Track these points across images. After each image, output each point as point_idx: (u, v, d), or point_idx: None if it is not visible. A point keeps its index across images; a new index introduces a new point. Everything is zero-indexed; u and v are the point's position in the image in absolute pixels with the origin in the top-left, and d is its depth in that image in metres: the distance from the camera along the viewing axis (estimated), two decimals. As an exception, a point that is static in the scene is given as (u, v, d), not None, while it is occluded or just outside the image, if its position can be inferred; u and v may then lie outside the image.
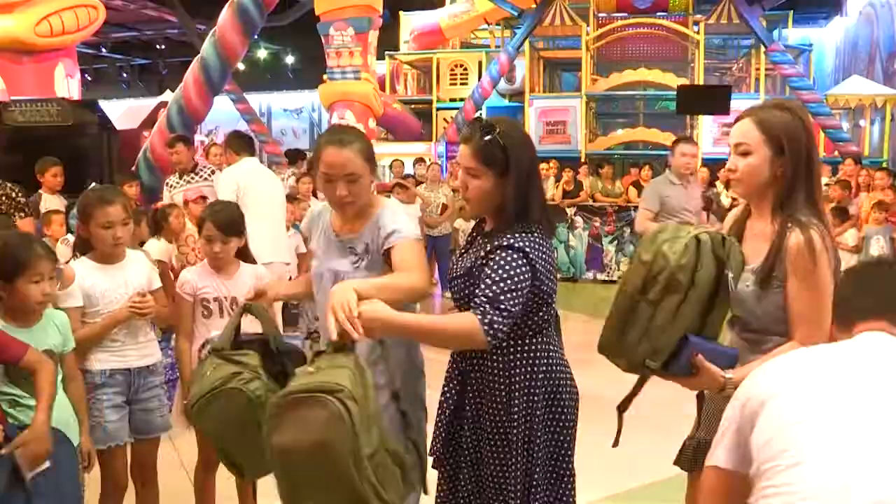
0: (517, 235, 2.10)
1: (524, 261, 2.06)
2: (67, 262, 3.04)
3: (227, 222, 3.09)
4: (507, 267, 2.05)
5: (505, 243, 2.08)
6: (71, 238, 3.36)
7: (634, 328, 1.94)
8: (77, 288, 2.84)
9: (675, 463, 2.34)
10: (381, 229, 2.31)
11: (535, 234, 2.13)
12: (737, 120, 2.06)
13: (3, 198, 4.64)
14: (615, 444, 2.22)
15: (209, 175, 6.05)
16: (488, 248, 2.13)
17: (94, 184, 5.40)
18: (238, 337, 2.43)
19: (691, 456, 2.30)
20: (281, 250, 5.45)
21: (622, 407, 2.21)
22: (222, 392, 2.23)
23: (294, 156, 9.91)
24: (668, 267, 1.90)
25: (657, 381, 2.10)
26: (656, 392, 2.31)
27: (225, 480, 3.02)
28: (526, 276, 2.06)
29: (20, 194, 4.82)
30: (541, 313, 2.19)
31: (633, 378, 2.24)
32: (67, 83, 11.29)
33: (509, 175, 2.11)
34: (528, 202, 2.14)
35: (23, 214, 4.76)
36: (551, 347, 2.27)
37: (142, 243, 4.67)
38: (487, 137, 2.10)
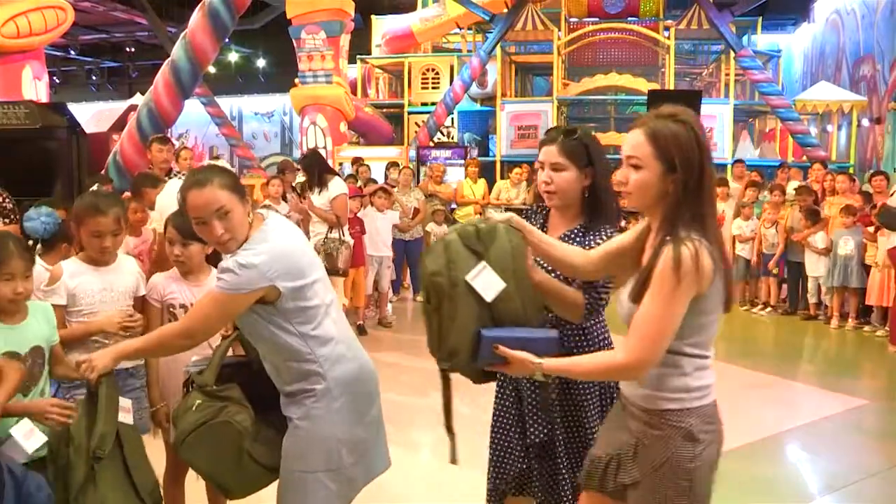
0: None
1: None
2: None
3: (187, 225, 3.06)
4: None
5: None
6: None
7: (432, 337, 2.04)
8: (62, 286, 2.84)
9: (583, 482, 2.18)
10: (218, 269, 2.26)
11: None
12: (630, 128, 2.01)
13: None
14: (452, 460, 2.23)
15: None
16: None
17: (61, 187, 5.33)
18: (225, 368, 2.49)
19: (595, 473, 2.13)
20: None
21: (448, 424, 2.21)
22: (212, 425, 2.33)
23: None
24: (426, 275, 2.00)
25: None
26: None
27: (194, 482, 2.99)
28: None
29: (7, 199, 4.75)
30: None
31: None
32: (35, 86, 11.14)
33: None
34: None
35: (7, 220, 4.69)
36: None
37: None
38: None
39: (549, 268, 2.32)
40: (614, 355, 1.95)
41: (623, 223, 8.51)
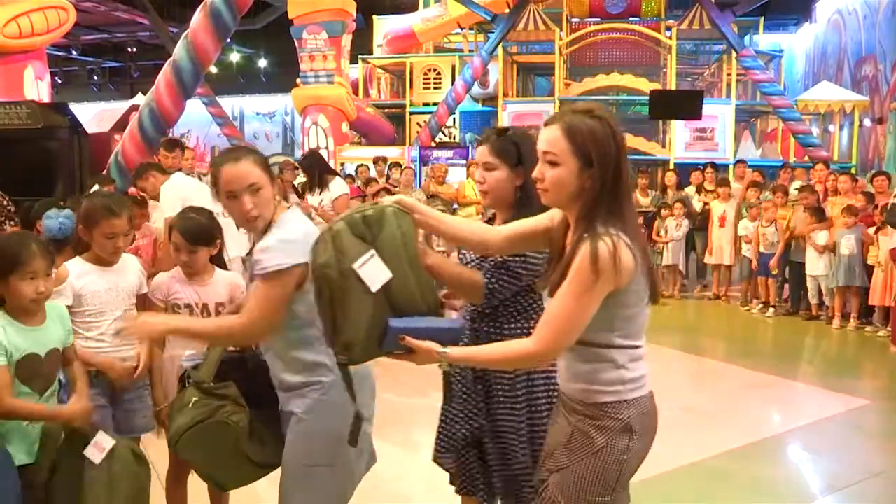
0: None
1: None
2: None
3: (194, 231, 3.05)
4: None
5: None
6: None
7: (327, 331, 1.98)
8: (68, 287, 2.87)
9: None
10: (256, 252, 2.27)
11: None
12: (546, 124, 1.97)
13: None
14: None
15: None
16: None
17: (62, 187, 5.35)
18: (222, 365, 2.48)
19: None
20: (243, 244, 5.45)
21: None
22: (209, 425, 2.33)
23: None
24: (315, 268, 1.94)
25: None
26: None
27: (197, 483, 2.99)
28: None
29: (10, 203, 4.76)
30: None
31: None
32: (37, 86, 11.15)
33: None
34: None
35: (13, 223, 4.71)
36: None
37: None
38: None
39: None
40: (521, 344, 1.92)
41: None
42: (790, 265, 8.62)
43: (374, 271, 1.91)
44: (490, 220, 2.57)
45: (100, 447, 2.55)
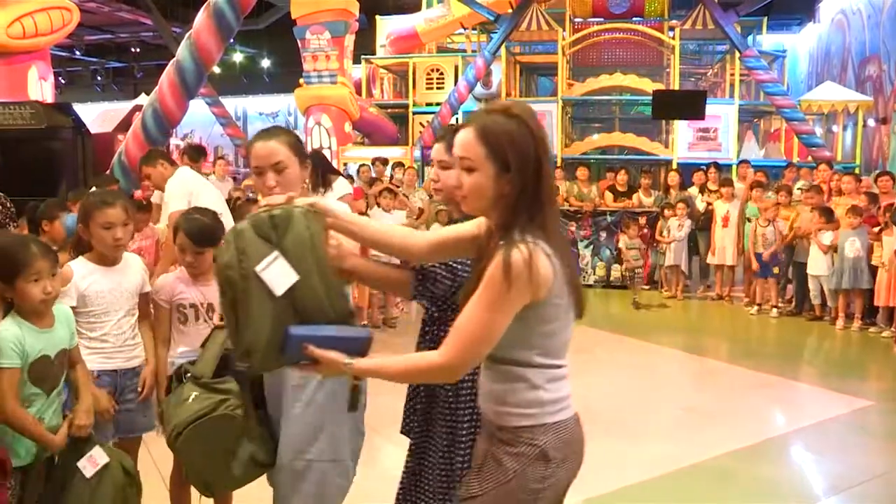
0: None
1: None
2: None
3: (199, 233, 3.06)
4: None
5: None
6: None
7: (230, 335, 1.90)
8: (73, 287, 2.88)
9: None
10: None
11: None
12: (461, 126, 1.85)
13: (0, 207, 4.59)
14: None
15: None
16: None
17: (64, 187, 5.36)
18: (222, 361, 2.47)
19: None
20: None
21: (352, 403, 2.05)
22: (212, 419, 2.31)
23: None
24: (216, 268, 1.87)
25: (626, 383, 2.12)
26: (630, 393, 2.32)
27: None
28: None
29: (11, 203, 4.77)
30: None
31: (608, 378, 2.27)
32: (41, 86, 11.17)
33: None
34: None
35: (15, 224, 4.72)
36: None
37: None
38: None
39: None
40: (429, 356, 1.79)
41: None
42: (794, 266, 8.61)
43: (278, 274, 1.80)
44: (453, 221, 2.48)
45: (93, 462, 2.56)
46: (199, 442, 2.35)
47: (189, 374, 2.48)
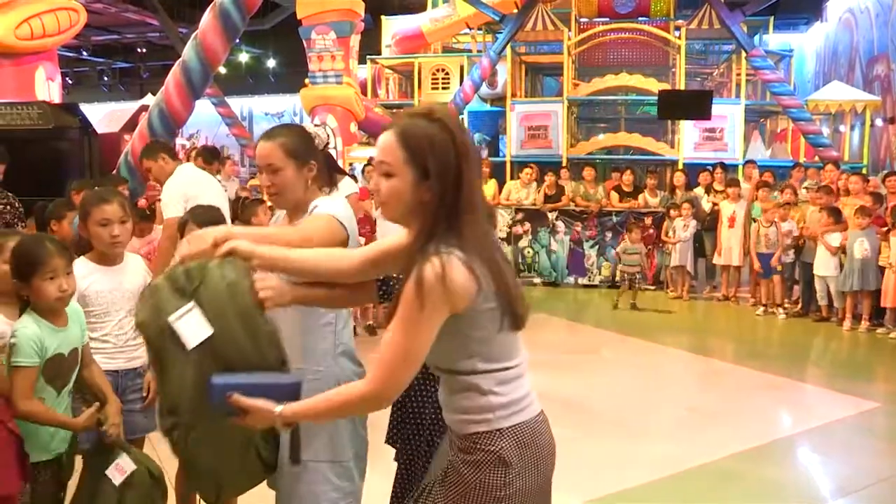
0: None
1: None
2: None
3: (210, 223, 3.08)
4: None
5: None
6: None
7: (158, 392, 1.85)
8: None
9: None
10: (308, 213, 2.34)
11: None
12: (384, 129, 1.79)
13: (7, 207, 4.61)
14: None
15: None
16: None
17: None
18: None
19: None
20: None
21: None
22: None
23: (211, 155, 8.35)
24: (136, 326, 1.83)
25: (631, 384, 2.11)
26: (636, 394, 2.32)
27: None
28: None
29: (20, 203, 4.79)
30: None
31: (614, 379, 2.26)
32: (48, 86, 11.20)
33: None
34: None
35: (23, 225, 4.74)
36: None
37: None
38: None
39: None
40: (355, 387, 1.75)
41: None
42: (801, 266, 8.58)
43: (191, 327, 1.74)
44: None
45: (121, 470, 2.57)
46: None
47: None
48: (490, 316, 1.71)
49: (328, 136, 2.54)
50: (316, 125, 2.55)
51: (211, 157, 7.66)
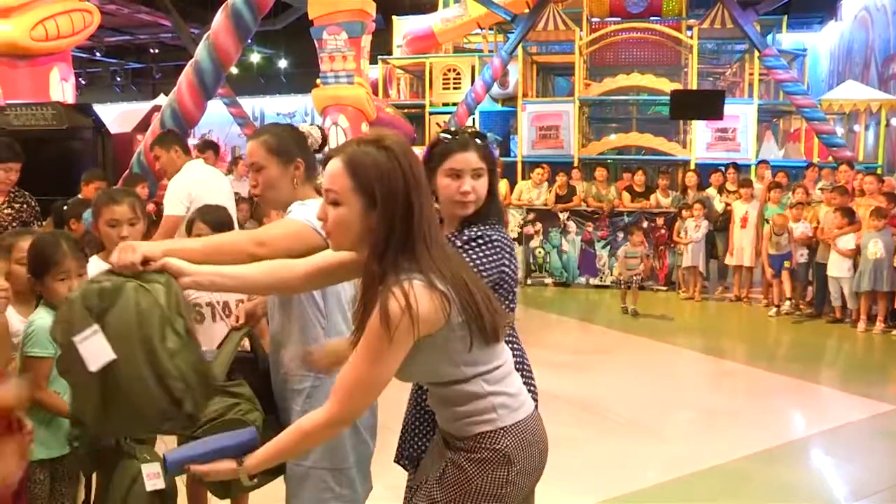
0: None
1: None
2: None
3: (219, 222, 3.09)
4: None
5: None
6: None
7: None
8: None
9: None
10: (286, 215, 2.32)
11: None
12: (327, 158, 1.76)
13: (24, 206, 4.64)
14: None
15: None
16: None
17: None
18: (235, 362, 2.46)
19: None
20: None
21: None
22: (223, 423, 2.28)
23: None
24: (51, 337, 1.80)
25: (643, 384, 2.10)
26: (648, 395, 2.31)
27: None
28: None
29: (37, 202, 4.82)
30: None
31: (626, 380, 2.25)
32: (62, 87, 11.25)
33: None
34: None
35: (40, 224, 4.77)
36: None
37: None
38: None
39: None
40: (314, 418, 1.72)
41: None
42: (815, 267, 8.53)
43: (93, 350, 1.70)
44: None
45: (150, 477, 2.55)
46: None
47: None
48: (459, 332, 1.70)
49: (322, 136, 2.50)
50: (317, 126, 2.51)
51: (204, 147, 7.70)
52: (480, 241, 2.16)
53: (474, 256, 2.13)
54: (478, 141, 2.23)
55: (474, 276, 1.78)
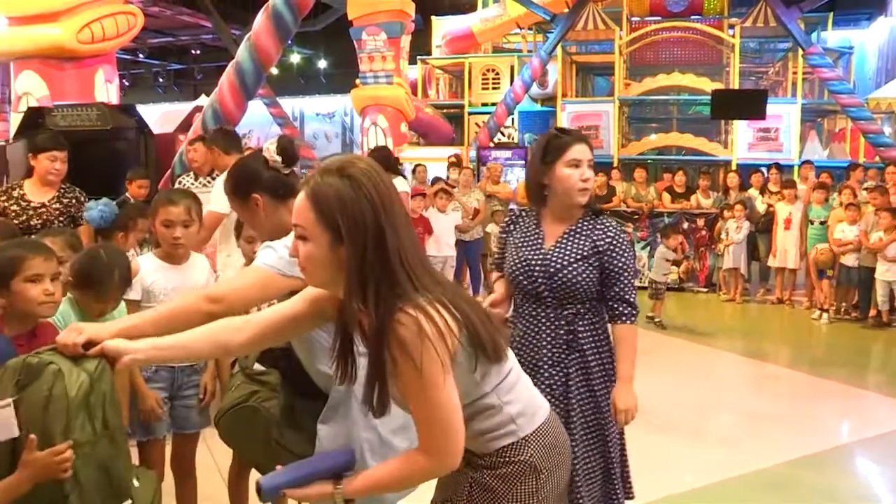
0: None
1: None
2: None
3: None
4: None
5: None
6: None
7: None
8: (138, 282, 2.95)
9: None
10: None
11: None
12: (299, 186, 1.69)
13: (74, 201, 4.72)
14: None
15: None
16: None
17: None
18: (268, 352, 2.45)
19: None
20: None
21: None
22: (243, 409, 2.41)
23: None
24: None
25: (684, 387, 2.07)
26: (687, 398, 2.28)
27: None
28: None
29: (87, 199, 4.89)
30: None
31: (664, 382, 2.22)
32: (107, 88, 11.47)
33: None
34: None
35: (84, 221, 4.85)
36: None
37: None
38: None
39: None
40: (416, 459, 1.62)
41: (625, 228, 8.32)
42: (861, 270, 8.34)
43: (4, 420, 1.69)
44: (537, 218, 2.69)
45: None
46: (233, 429, 2.46)
47: (238, 367, 2.59)
48: (464, 353, 1.63)
49: (283, 148, 2.32)
50: (275, 140, 2.37)
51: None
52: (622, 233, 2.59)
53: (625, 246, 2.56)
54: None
55: (469, 297, 1.72)
